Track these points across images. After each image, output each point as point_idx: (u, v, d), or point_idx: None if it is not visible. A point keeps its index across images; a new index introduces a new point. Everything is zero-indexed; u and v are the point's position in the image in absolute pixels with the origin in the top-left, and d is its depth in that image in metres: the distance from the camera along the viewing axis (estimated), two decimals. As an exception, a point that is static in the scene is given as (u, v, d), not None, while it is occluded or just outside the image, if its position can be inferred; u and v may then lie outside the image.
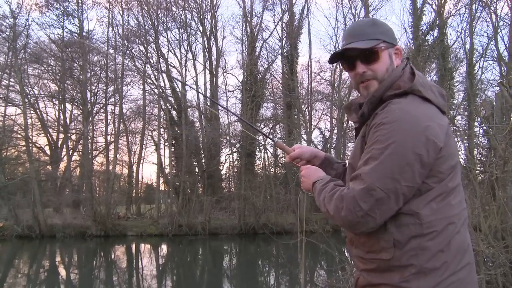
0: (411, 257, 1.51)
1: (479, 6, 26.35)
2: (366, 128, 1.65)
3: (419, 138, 1.49)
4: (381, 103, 1.65)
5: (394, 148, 1.49)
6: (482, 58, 26.78)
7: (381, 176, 1.49)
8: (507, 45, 25.64)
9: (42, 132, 32.76)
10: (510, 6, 24.92)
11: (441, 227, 1.52)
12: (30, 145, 29.41)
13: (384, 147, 1.50)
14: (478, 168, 6.04)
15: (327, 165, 2.10)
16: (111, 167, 30.32)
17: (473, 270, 1.60)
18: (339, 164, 2.12)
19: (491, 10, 26.01)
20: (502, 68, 25.32)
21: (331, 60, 1.86)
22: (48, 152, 33.46)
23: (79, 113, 32.19)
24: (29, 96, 30.63)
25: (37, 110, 32.02)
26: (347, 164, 1.86)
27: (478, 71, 26.83)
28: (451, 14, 27.50)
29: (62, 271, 18.11)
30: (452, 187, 1.58)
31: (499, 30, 25.94)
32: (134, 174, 35.05)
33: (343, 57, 1.79)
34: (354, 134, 1.87)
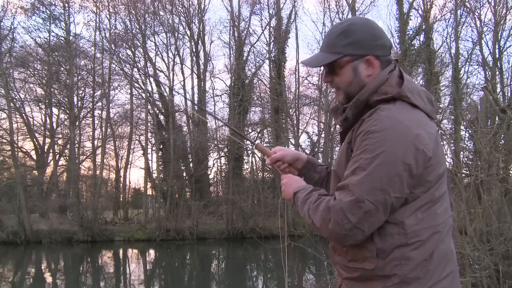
0: (394, 267, 1.48)
1: (464, 12, 26.80)
2: (353, 134, 1.60)
3: (409, 148, 1.44)
4: (367, 108, 1.59)
5: (384, 158, 1.44)
6: (467, 63, 27.18)
7: (370, 187, 1.44)
8: (491, 50, 26.05)
9: (28, 136, 32.36)
10: (493, 11, 25.36)
11: (425, 236, 1.49)
12: (16, 150, 29.08)
13: (373, 157, 1.45)
14: (464, 172, 6.10)
15: (310, 168, 2.04)
16: (98, 172, 30.12)
17: (457, 278, 1.58)
18: (322, 167, 2.06)
19: (475, 16, 26.47)
20: (487, 73, 25.71)
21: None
22: (34, 157, 33.06)
23: (65, 117, 31.90)
24: (14, 100, 30.27)
25: (23, 115, 31.60)
26: (332, 171, 1.81)
27: (463, 75, 27.22)
28: (437, 19, 27.92)
29: (48, 278, 17.89)
30: (439, 195, 1.55)
31: (483, 35, 26.38)
32: (122, 179, 34.88)
33: None
34: (339, 138, 1.81)
